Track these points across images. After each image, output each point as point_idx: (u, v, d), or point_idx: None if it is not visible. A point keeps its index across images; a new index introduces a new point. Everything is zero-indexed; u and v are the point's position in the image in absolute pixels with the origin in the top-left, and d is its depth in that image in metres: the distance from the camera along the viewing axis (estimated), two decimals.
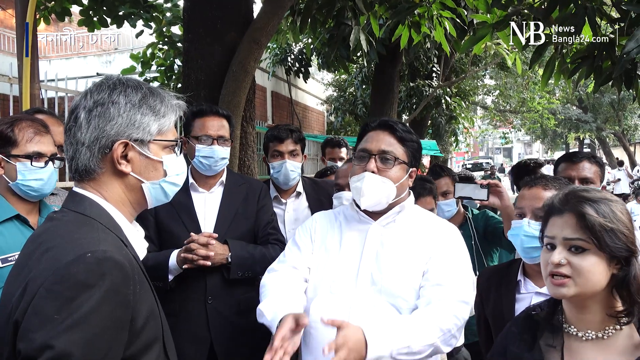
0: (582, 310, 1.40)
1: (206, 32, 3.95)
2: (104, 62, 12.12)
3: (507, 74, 16.67)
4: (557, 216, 1.40)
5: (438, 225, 2.02)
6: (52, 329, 1.06)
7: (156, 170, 1.35)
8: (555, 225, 1.40)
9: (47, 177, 2.12)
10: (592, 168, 2.58)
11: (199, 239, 2.34)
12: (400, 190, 1.95)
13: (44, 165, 2.11)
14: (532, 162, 3.83)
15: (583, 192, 1.42)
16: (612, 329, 1.38)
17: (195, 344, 2.41)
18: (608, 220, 1.34)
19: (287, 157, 2.94)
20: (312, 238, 2.05)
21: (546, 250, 1.42)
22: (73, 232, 1.21)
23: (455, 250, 1.94)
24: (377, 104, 8.52)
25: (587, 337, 1.39)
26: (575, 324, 1.42)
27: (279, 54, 11.83)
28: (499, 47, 7.95)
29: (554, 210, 1.42)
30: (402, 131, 1.96)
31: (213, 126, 2.56)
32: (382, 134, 1.96)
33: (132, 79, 1.35)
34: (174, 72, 7.40)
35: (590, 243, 1.34)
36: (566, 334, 1.44)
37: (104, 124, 1.27)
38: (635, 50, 2.61)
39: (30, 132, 2.09)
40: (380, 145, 1.93)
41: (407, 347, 1.66)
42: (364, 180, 1.90)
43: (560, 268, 1.35)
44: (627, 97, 20.62)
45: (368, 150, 1.94)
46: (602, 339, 1.38)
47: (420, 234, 1.95)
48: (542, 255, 1.43)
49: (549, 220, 1.43)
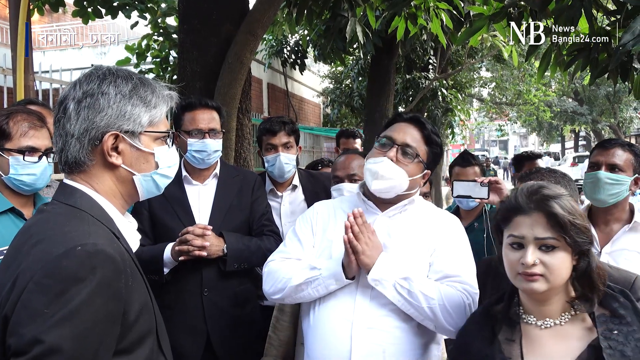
0: (544, 302, 1.44)
1: (202, 23, 3.92)
2: (99, 54, 12.04)
3: (504, 66, 16.64)
4: (524, 215, 1.41)
5: (441, 217, 2.05)
6: (41, 324, 1.05)
7: (147, 162, 1.34)
8: (524, 224, 1.41)
9: (40, 172, 2.09)
10: (624, 155, 2.41)
11: (195, 230, 2.33)
12: (411, 185, 1.96)
13: (38, 160, 2.08)
14: (530, 153, 3.87)
15: (544, 189, 1.43)
16: (567, 315, 1.44)
17: (192, 336, 2.42)
18: (573, 216, 1.38)
19: (281, 149, 2.92)
20: (314, 230, 2.05)
21: (512, 249, 1.43)
22: (63, 225, 1.19)
23: (459, 241, 1.97)
24: (374, 96, 8.49)
25: (545, 326, 1.44)
26: (535, 314, 1.46)
27: (275, 46, 11.77)
28: (496, 39, 7.94)
29: (519, 210, 1.42)
30: (431, 132, 1.98)
31: (204, 119, 2.53)
32: (411, 127, 1.98)
33: (123, 69, 1.33)
34: (169, 63, 7.35)
35: (561, 240, 1.37)
36: (525, 324, 1.47)
37: (94, 115, 1.25)
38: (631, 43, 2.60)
39: (25, 126, 2.06)
40: (405, 138, 1.95)
41: (408, 285, 1.78)
42: (381, 164, 1.90)
43: (533, 268, 1.37)
44: (622, 89, 20.64)
45: (392, 139, 1.95)
46: (559, 325, 1.43)
47: (426, 226, 1.97)
48: (508, 254, 1.44)
49: (512, 219, 1.44)
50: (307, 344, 1.96)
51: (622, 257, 2.32)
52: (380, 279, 1.79)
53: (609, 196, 2.37)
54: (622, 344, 1.34)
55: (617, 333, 1.36)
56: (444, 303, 1.79)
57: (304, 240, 2.03)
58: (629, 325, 1.37)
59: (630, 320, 1.38)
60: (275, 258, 2.05)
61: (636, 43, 2.54)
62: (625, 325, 1.38)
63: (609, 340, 1.35)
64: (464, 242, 2.00)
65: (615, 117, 27.28)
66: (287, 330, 2.28)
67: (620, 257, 2.33)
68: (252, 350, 2.46)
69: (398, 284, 1.79)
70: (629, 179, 2.39)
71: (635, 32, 2.57)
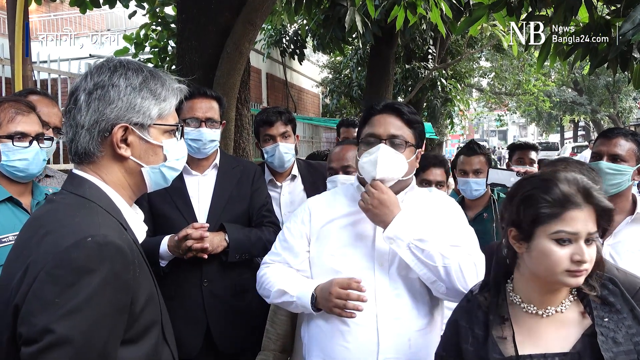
0: (555, 291, 1.43)
1: (200, 12, 3.90)
2: (97, 44, 11.97)
3: (503, 56, 16.61)
4: (577, 210, 1.35)
5: (440, 200, 2.08)
6: (52, 313, 1.07)
7: (156, 155, 1.34)
8: (578, 220, 1.34)
9: (32, 157, 2.08)
10: (627, 145, 2.37)
11: (193, 234, 2.31)
12: (410, 169, 1.97)
13: (28, 145, 2.07)
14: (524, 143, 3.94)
15: (586, 182, 1.39)
16: (567, 301, 1.44)
17: (192, 326, 2.43)
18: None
19: (279, 139, 2.92)
20: (308, 233, 2.01)
21: (558, 245, 1.35)
22: (73, 216, 1.20)
23: (459, 218, 2.02)
24: (373, 86, 8.48)
25: (547, 314, 1.43)
26: (536, 303, 1.45)
27: (274, 36, 11.72)
28: (495, 29, 7.91)
29: (573, 205, 1.35)
30: (409, 113, 1.96)
31: (201, 108, 2.51)
32: (390, 117, 1.95)
33: (134, 62, 1.34)
34: (168, 53, 7.33)
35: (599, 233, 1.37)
36: (523, 313, 1.46)
37: (104, 107, 1.26)
38: (631, 32, 2.59)
39: (11, 112, 2.06)
40: (389, 130, 1.93)
41: (423, 245, 1.81)
42: (379, 151, 1.88)
43: (584, 264, 1.35)
44: (622, 79, 20.60)
45: (377, 135, 1.92)
46: (560, 313, 1.43)
47: (427, 212, 1.98)
48: (555, 251, 1.36)
49: (562, 214, 1.35)
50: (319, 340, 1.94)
51: (624, 249, 2.29)
52: (395, 236, 1.81)
53: (610, 186, 2.33)
54: (613, 331, 1.35)
55: (608, 320, 1.37)
56: (458, 263, 1.80)
57: (295, 245, 2.01)
58: (619, 313, 1.38)
59: (619, 307, 1.38)
60: (267, 261, 2.06)
61: (636, 32, 2.54)
62: (615, 312, 1.38)
63: (600, 328, 1.36)
64: (464, 219, 2.04)
65: (614, 107, 27.25)
66: (285, 324, 2.28)
67: (622, 249, 2.29)
68: (251, 340, 2.47)
69: (413, 243, 1.81)
70: (631, 169, 2.36)
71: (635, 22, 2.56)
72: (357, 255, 1.92)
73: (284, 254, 2.03)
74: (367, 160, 1.91)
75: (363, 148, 1.95)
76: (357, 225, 1.97)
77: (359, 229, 1.96)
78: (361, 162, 1.93)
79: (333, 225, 1.99)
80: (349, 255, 1.92)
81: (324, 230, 1.99)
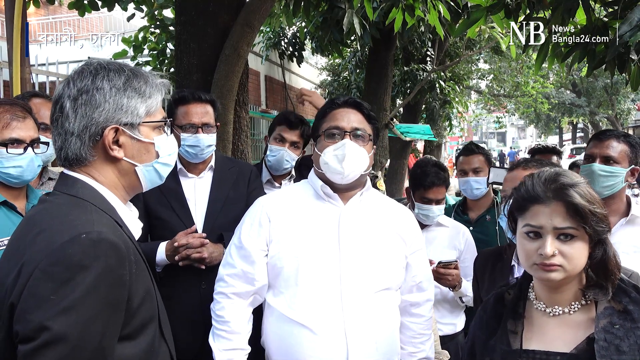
0: (556, 289, 1.43)
1: (198, 15, 3.90)
2: (96, 46, 11.97)
3: (501, 58, 16.61)
4: (542, 205, 1.37)
5: (400, 209, 2.13)
6: (48, 310, 1.07)
7: (148, 152, 1.35)
8: (542, 214, 1.37)
9: (27, 164, 2.06)
10: (619, 147, 2.35)
11: (193, 242, 2.31)
12: (370, 163, 2.02)
13: (23, 151, 2.05)
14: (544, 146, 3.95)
15: (561, 177, 1.39)
16: (577, 304, 1.42)
17: (190, 328, 2.42)
18: (593, 205, 1.35)
19: (287, 146, 2.94)
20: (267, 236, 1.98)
21: (528, 238, 1.39)
22: (66, 214, 1.21)
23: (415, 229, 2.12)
24: (371, 88, 8.47)
25: (554, 313, 1.43)
26: (545, 300, 1.45)
27: (273, 38, 11.71)
28: (493, 31, 7.92)
29: (536, 199, 1.38)
30: (368, 109, 2.04)
31: (197, 114, 2.50)
32: (352, 112, 2.01)
33: (113, 62, 1.34)
34: (166, 56, 7.32)
35: (580, 230, 1.35)
36: (535, 310, 1.47)
37: (92, 111, 1.26)
38: (628, 34, 2.60)
39: (7, 118, 2.04)
40: (352, 123, 1.98)
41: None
42: (345, 146, 1.92)
43: (552, 259, 1.34)
44: (620, 81, 20.63)
45: (341, 128, 1.97)
46: (568, 314, 1.42)
47: (386, 214, 2.06)
48: (525, 244, 1.41)
49: (529, 208, 1.40)
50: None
51: (619, 250, 2.28)
52: None
53: (603, 188, 2.32)
54: (619, 339, 1.31)
55: (619, 327, 1.34)
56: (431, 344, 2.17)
57: (253, 252, 1.97)
58: (634, 322, 1.34)
59: (636, 316, 1.35)
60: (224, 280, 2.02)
61: (633, 34, 2.54)
62: (629, 321, 1.34)
63: (607, 334, 1.33)
64: (418, 229, 2.15)
65: (612, 109, 27.28)
66: None
67: (617, 250, 2.30)
68: (250, 341, 2.46)
69: None
70: (624, 170, 2.34)
71: (633, 23, 2.57)
72: (321, 257, 1.91)
73: (241, 265, 1.97)
74: (335, 155, 1.92)
75: (327, 142, 1.96)
76: (320, 225, 1.96)
77: (323, 229, 1.95)
78: (324, 158, 1.93)
79: (294, 226, 1.96)
80: (312, 256, 1.91)
81: (285, 231, 1.96)
